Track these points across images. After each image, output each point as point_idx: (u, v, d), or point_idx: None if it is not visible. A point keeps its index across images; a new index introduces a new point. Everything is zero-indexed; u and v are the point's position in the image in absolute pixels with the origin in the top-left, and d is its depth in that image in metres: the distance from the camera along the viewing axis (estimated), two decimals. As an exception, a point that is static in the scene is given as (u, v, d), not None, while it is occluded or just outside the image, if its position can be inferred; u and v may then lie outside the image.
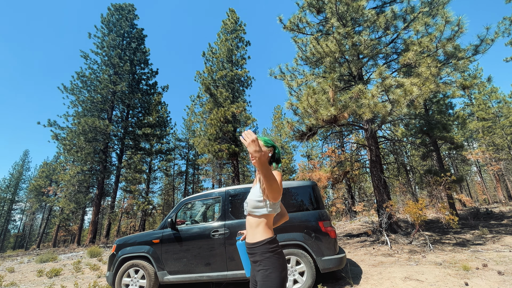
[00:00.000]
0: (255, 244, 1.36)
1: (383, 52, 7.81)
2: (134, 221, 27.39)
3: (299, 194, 4.02)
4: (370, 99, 5.77)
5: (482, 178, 27.83)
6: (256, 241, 1.37)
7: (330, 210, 18.62)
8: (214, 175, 24.17)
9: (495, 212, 11.59)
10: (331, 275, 4.19)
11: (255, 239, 1.37)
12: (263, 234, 1.37)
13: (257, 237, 1.38)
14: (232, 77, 15.51)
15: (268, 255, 1.30)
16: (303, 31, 8.67)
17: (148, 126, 18.32)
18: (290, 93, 8.86)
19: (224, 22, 16.96)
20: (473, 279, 3.43)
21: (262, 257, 1.31)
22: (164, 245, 3.89)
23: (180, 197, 31.54)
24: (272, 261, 1.29)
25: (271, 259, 1.29)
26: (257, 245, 1.35)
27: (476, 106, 22.21)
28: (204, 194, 4.24)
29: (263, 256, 1.31)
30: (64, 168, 25.66)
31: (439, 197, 7.73)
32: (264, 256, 1.30)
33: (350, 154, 10.65)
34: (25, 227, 40.28)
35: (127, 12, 19.53)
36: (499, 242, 5.67)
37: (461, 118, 13.42)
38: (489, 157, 21.30)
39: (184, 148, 29.57)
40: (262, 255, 1.31)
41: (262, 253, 1.31)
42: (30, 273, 6.92)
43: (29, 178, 39.62)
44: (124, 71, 17.52)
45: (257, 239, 1.37)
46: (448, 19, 5.89)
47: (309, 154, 24.24)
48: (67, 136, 15.65)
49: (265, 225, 1.39)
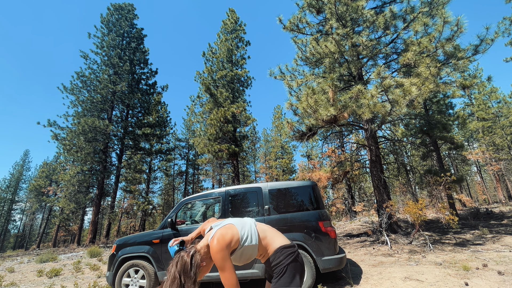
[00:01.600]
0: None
1: (383, 52, 7.81)
2: (134, 221, 27.38)
3: (299, 194, 4.02)
4: (369, 99, 5.77)
5: (482, 178, 27.83)
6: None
7: (330, 210, 18.62)
8: (214, 175, 24.18)
9: (495, 212, 11.59)
10: (331, 275, 4.19)
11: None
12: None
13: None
14: (232, 77, 15.51)
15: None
16: (303, 32, 8.67)
17: (148, 126, 18.31)
18: (290, 93, 8.86)
19: (224, 22, 16.96)
20: (473, 279, 3.43)
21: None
22: (164, 245, 3.89)
23: (180, 197, 31.54)
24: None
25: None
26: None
27: (476, 106, 22.21)
28: (204, 194, 4.24)
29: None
30: (64, 168, 25.68)
31: (439, 197, 7.74)
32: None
33: (350, 154, 10.66)
34: (25, 227, 40.27)
35: (126, 12, 19.53)
36: (499, 242, 5.67)
37: (461, 118, 13.40)
38: (489, 157, 21.31)
39: (184, 148, 29.57)
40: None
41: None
42: (30, 273, 6.92)
43: (29, 178, 39.60)
44: (123, 71, 17.52)
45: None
46: (446, 19, 5.89)
47: (309, 154, 24.23)
48: (67, 136, 15.64)
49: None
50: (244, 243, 1.41)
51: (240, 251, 1.42)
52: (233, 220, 1.51)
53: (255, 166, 32.32)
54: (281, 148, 27.29)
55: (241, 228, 1.45)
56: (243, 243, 1.41)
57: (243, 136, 15.91)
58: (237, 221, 1.50)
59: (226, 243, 1.33)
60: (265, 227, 1.56)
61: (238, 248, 1.41)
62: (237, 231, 1.41)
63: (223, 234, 1.37)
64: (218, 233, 1.38)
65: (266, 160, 28.56)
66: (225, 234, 1.37)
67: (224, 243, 1.33)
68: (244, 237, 1.41)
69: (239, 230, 1.43)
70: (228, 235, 1.37)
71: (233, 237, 1.37)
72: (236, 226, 1.45)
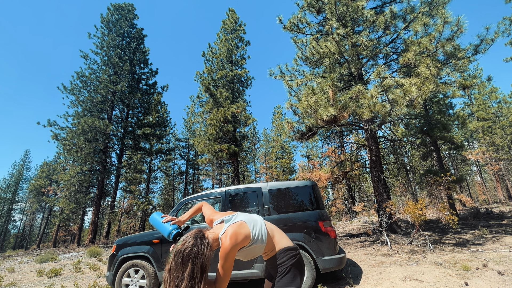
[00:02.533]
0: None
1: (383, 52, 7.81)
2: (134, 221, 27.38)
3: (299, 194, 4.02)
4: (369, 99, 5.77)
5: (482, 178, 27.83)
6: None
7: (330, 210, 18.62)
8: (214, 175, 24.19)
9: (495, 212, 11.59)
10: (331, 275, 4.19)
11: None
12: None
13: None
14: (232, 77, 15.51)
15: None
16: (303, 31, 8.67)
17: (148, 126, 18.32)
18: (290, 93, 8.86)
19: (224, 22, 16.96)
20: (473, 279, 3.43)
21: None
22: (164, 245, 3.90)
23: (180, 197, 31.54)
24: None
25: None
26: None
27: (476, 106, 22.21)
28: (204, 194, 4.25)
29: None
30: (64, 168, 25.68)
31: (439, 197, 7.75)
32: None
33: (350, 154, 10.66)
34: (25, 227, 40.28)
35: (126, 12, 19.53)
36: (499, 242, 5.67)
37: (461, 118, 13.40)
38: (489, 157, 21.31)
39: (184, 148, 29.57)
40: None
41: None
42: (30, 273, 6.92)
43: (29, 178, 39.58)
44: (123, 71, 17.52)
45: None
46: (447, 19, 5.89)
47: (309, 154, 24.23)
48: (67, 136, 15.65)
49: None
50: (254, 243, 1.42)
51: (249, 249, 1.43)
52: (244, 217, 1.48)
53: (255, 166, 32.33)
54: (281, 148, 27.29)
55: (252, 227, 1.44)
56: (253, 242, 1.42)
57: (243, 136, 15.92)
58: (247, 218, 1.49)
59: (238, 242, 1.33)
60: (273, 226, 1.60)
61: (247, 246, 1.42)
62: (249, 231, 1.41)
63: (237, 234, 1.34)
64: (231, 231, 1.35)
65: (266, 160, 28.56)
66: (238, 234, 1.34)
67: (236, 242, 1.32)
68: (255, 236, 1.42)
69: (250, 230, 1.42)
70: (242, 235, 1.35)
71: (246, 237, 1.37)
72: (248, 224, 1.44)
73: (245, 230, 1.39)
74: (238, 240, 1.32)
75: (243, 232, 1.37)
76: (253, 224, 1.46)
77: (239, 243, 1.33)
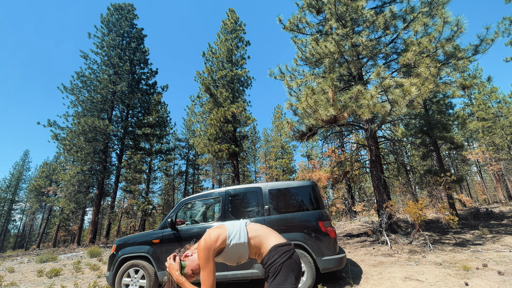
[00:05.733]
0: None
1: (383, 52, 7.81)
2: (134, 221, 27.37)
3: (299, 194, 4.02)
4: (369, 99, 5.76)
5: (482, 178, 27.82)
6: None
7: (330, 210, 18.61)
8: (214, 175, 24.19)
9: (495, 212, 11.59)
10: (331, 275, 4.19)
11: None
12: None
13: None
14: (232, 77, 15.51)
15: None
16: (302, 32, 8.67)
17: (148, 126, 18.32)
18: (290, 93, 8.86)
19: (224, 22, 16.96)
20: (473, 279, 3.43)
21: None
22: (164, 245, 3.90)
23: (180, 197, 31.54)
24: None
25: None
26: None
27: (476, 106, 22.21)
28: (204, 194, 4.25)
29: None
30: (64, 168, 25.67)
31: (439, 197, 7.74)
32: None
33: (350, 154, 10.66)
34: (25, 227, 40.27)
35: (126, 12, 19.53)
36: (499, 242, 5.67)
37: (461, 118, 13.40)
38: (489, 157, 21.30)
39: (184, 148, 29.57)
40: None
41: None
42: (30, 273, 6.92)
43: (29, 178, 39.60)
44: (123, 71, 17.52)
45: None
46: (446, 19, 5.89)
47: (309, 154, 24.23)
48: (67, 136, 15.64)
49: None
50: (231, 242, 1.43)
51: (228, 249, 1.44)
52: (227, 222, 1.57)
53: (255, 166, 32.33)
54: (281, 148, 27.29)
55: (230, 227, 1.49)
56: (230, 241, 1.43)
57: (243, 136, 15.92)
58: (229, 222, 1.55)
59: (212, 241, 1.38)
60: (258, 226, 1.56)
61: (226, 246, 1.44)
62: (225, 230, 1.46)
63: (210, 233, 1.42)
64: (207, 233, 1.44)
65: (266, 160, 28.56)
66: (212, 233, 1.42)
67: (210, 241, 1.38)
68: (231, 235, 1.44)
69: (227, 229, 1.47)
70: (215, 234, 1.41)
71: (220, 236, 1.41)
72: (227, 226, 1.50)
73: (221, 230, 1.45)
74: (211, 239, 1.39)
75: (217, 231, 1.43)
76: (232, 225, 1.51)
77: (212, 242, 1.38)
